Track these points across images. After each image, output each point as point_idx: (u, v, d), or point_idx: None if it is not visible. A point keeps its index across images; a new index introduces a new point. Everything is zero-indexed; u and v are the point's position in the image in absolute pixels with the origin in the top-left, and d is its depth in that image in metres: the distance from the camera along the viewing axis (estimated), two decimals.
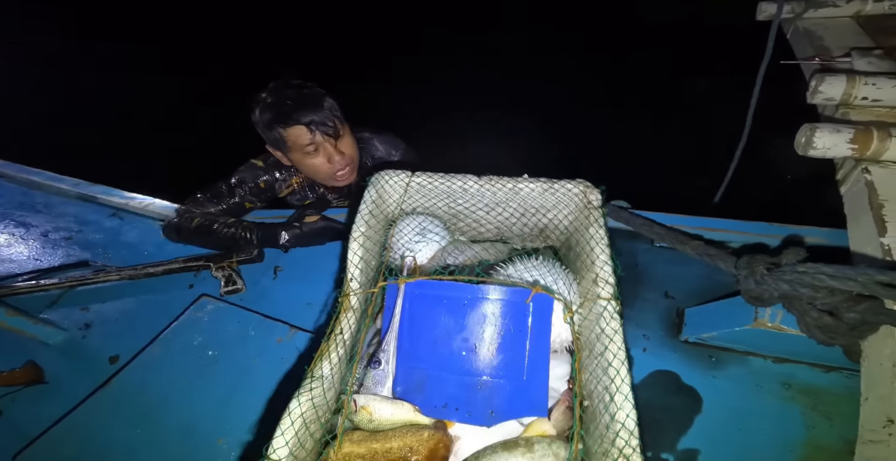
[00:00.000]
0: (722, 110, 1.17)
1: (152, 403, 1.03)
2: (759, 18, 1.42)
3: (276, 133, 1.14)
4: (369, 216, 0.87)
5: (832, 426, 0.77)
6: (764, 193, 1.12)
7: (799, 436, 0.77)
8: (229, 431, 0.95)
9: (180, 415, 0.99)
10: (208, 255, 1.36)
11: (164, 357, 1.12)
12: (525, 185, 0.89)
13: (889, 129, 0.81)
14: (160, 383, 1.07)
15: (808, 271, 0.67)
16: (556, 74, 2.95)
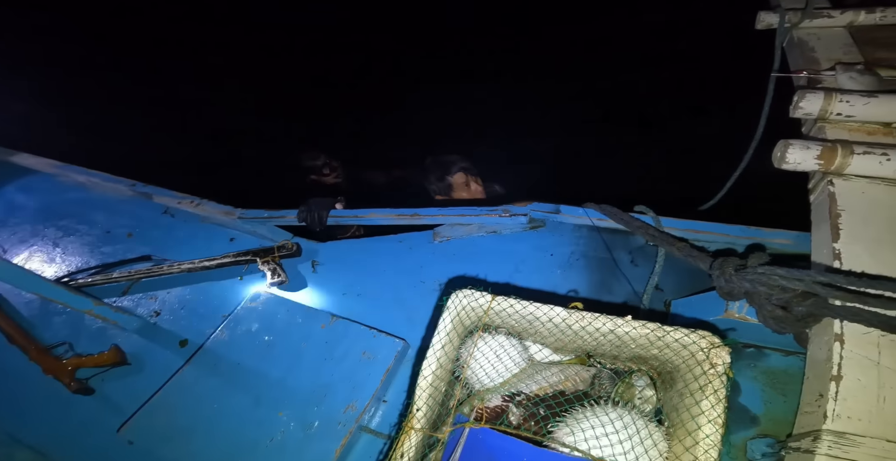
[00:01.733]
0: (713, 125, 1.30)
1: (223, 382, 1.25)
2: (758, 27, 1.51)
3: (446, 182, 1.92)
4: (446, 340, 0.93)
5: (785, 402, 0.92)
6: (752, 199, 1.26)
7: (758, 409, 0.92)
8: (287, 405, 1.16)
9: (247, 392, 1.21)
10: (255, 250, 1.60)
11: (229, 342, 1.34)
12: (628, 329, 0.84)
13: (852, 147, 0.94)
14: (229, 364, 1.29)
15: (765, 272, 0.84)
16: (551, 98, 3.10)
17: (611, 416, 0.78)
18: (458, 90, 3.34)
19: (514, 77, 3.46)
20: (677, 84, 2.74)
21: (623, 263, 1.19)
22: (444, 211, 1.36)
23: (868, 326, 0.76)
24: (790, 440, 0.77)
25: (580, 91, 3.00)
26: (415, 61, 3.81)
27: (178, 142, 3.14)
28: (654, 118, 2.77)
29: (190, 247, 1.71)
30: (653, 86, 2.87)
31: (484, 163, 2.03)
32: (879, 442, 0.67)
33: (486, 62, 3.67)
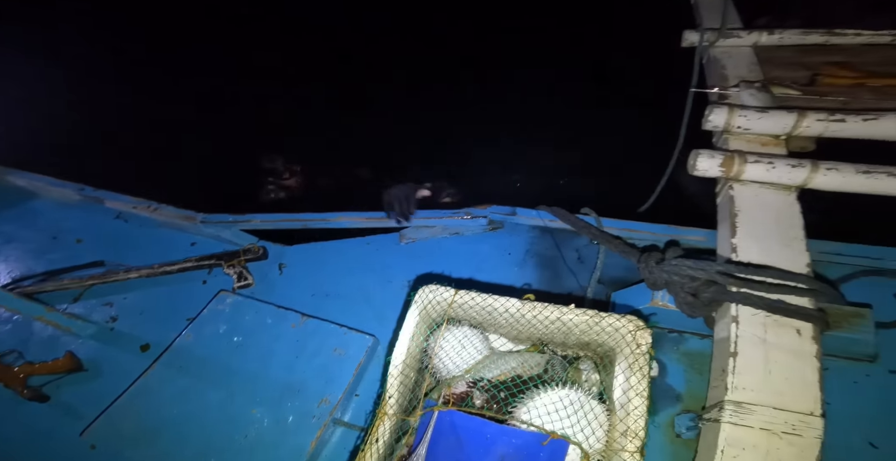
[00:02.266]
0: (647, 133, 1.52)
1: (193, 382, 1.29)
2: (683, 45, 1.75)
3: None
4: (415, 331, 1.04)
5: (702, 380, 1.10)
6: (677, 201, 1.49)
7: (682, 388, 1.11)
8: (260, 402, 1.23)
9: (218, 391, 1.26)
10: (219, 254, 1.64)
11: (196, 344, 1.38)
12: (571, 316, 0.99)
13: (746, 156, 1.15)
14: (197, 366, 1.33)
15: (678, 264, 1.02)
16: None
17: (560, 396, 0.93)
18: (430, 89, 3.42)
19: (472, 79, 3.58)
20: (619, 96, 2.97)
21: (571, 260, 1.37)
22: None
23: (756, 308, 0.95)
24: (704, 412, 0.94)
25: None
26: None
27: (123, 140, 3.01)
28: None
29: (147, 253, 1.71)
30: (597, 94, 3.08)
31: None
32: (767, 409, 0.84)
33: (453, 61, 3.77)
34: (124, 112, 3.23)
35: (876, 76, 1.41)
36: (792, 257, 1.04)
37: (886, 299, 1.12)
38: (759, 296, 0.96)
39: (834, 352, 1.00)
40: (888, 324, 1.06)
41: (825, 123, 1.24)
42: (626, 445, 0.81)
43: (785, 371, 0.88)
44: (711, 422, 0.88)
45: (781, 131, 1.29)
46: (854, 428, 0.88)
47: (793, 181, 1.14)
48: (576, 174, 2.30)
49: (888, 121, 1.20)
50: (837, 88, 1.42)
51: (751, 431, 0.82)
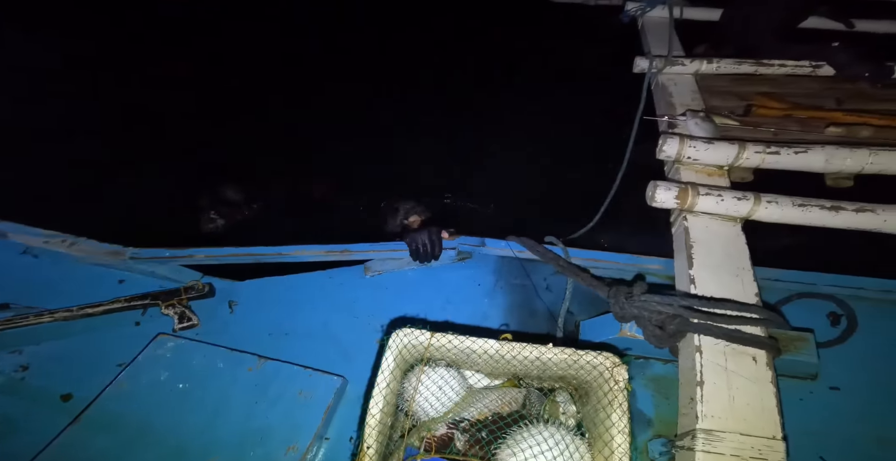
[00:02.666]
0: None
1: (130, 436, 1.16)
2: (634, 71, 1.87)
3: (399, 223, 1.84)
4: (391, 378, 1.01)
5: (669, 404, 1.18)
6: (636, 231, 1.59)
7: (651, 413, 1.17)
8: (218, 452, 1.13)
9: (167, 441, 1.15)
10: (155, 293, 1.49)
11: (132, 393, 1.24)
12: (549, 355, 1.01)
13: (698, 188, 1.23)
14: (135, 417, 1.20)
15: (647, 300, 1.09)
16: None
17: (544, 435, 0.95)
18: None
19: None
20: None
21: (540, 288, 1.41)
22: (376, 246, 1.43)
23: (716, 338, 1.04)
24: (677, 440, 1.00)
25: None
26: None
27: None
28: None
29: (64, 294, 1.51)
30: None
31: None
32: (735, 435, 0.91)
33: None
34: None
35: (800, 108, 1.58)
36: (742, 287, 1.14)
37: (820, 319, 1.26)
38: (718, 326, 1.04)
39: (781, 372, 1.11)
40: (824, 344, 1.19)
41: (762, 155, 1.37)
42: None
43: (746, 397, 0.96)
44: (686, 450, 0.94)
45: (725, 162, 1.40)
46: (804, 444, 0.97)
47: (738, 213, 1.25)
48: (542, 202, 2.36)
49: (815, 154, 1.35)
50: (769, 119, 1.58)
51: (723, 458, 0.88)
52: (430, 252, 1.39)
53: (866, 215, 1.16)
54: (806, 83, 1.76)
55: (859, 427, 1.11)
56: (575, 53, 3.35)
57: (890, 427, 1.10)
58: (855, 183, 1.38)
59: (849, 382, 1.17)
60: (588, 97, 2.90)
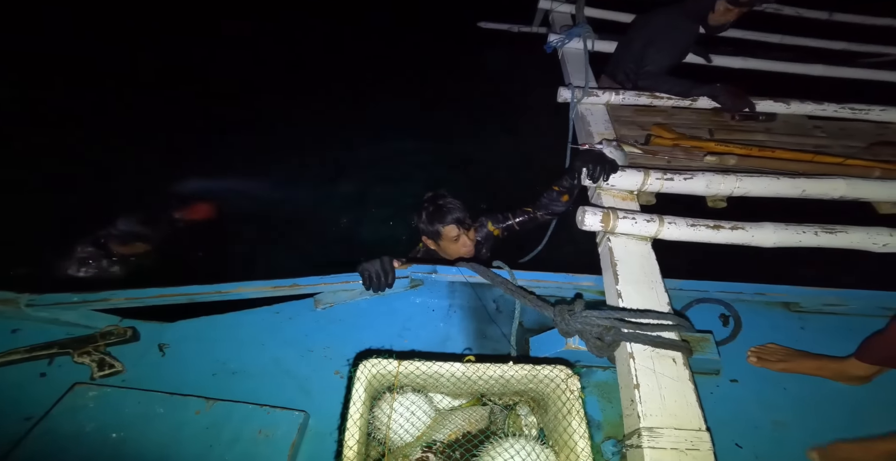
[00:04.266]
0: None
1: None
2: (558, 101, 2.12)
3: (436, 228, 1.79)
4: (364, 409, 1.06)
5: (613, 407, 1.35)
6: (572, 252, 1.84)
7: (599, 416, 1.33)
8: None
9: None
10: (64, 341, 1.34)
11: (53, 445, 1.13)
12: (511, 372, 1.11)
13: (617, 212, 1.47)
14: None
15: (587, 316, 1.27)
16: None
17: (516, 448, 1.06)
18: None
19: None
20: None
21: (490, 310, 1.54)
22: (326, 279, 1.44)
23: (644, 345, 1.27)
24: (625, 439, 1.18)
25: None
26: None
27: None
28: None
29: None
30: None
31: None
32: (671, 430, 1.09)
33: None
34: None
35: (685, 138, 1.92)
36: (657, 298, 1.40)
37: (714, 321, 1.57)
38: (644, 334, 1.27)
39: (693, 370, 1.35)
40: (720, 342, 1.50)
41: (661, 181, 1.66)
42: None
43: (674, 395, 1.16)
44: (634, 448, 1.11)
45: (634, 188, 1.67)
46: (720, 433, 1.12)
47: (649, 233, 1.51)
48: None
49: (698, 180, 1.67)
50: (662, 148, 1.90)
51: (665, 452, 1.06)
52: (383, 281, 1.43)
53: (739, 232, 1.48)
54: (687, 114, 2.14)
55: (758, 413, 1.36)
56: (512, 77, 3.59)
57: (780, 411, 1.37)
58: (728, 204, 1.74)
59: (744, 375, 1.44)
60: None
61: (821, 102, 2.19)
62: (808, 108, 2.18)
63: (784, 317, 1.62)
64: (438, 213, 1.79)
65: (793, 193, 1.65)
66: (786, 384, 1.44)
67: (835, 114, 2.19)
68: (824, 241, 1.47)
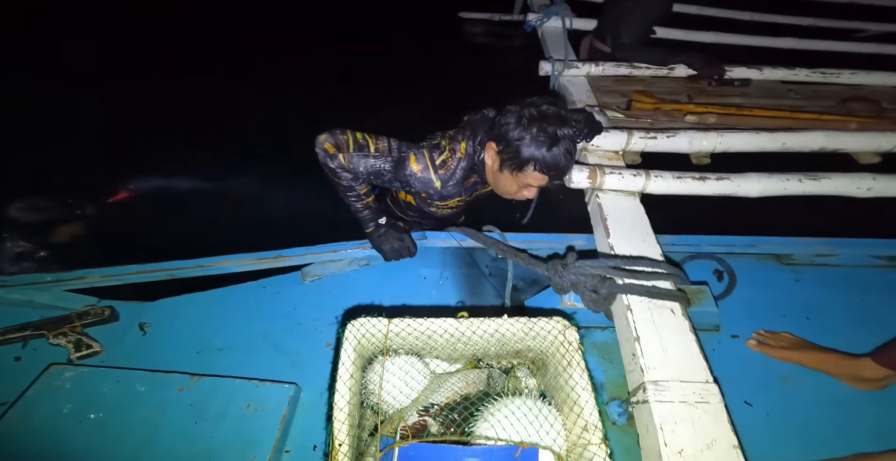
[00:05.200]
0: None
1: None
2: (540, 74, 2.09)
3: (524, 161, 1.15)
4: (353, 369, 0.97)
5: (614, 367, 1.27)
6: (565, 213, 1.77)
7: (601, 378, 1.25)
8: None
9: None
10: (38, 323, 1.25)
11: (28, 428, 1.05)
12: (507, 326, 1.04)
13: (604, 169, 1.43)
14: (39, 452, 1.02)
15: (580, 266, 1.22)
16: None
17: (515, 406, 0.98)
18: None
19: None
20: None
21: (484, 274, 1.48)
22: (312, 249, 1.36)
23: (640, 296, 1.20)
24: (630, 396, 1.10)
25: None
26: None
27: None
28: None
29: None
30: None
31: None
32: (677, 383, 1.02)
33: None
34: None
35: (665, 102, 1.89)
36: (649, 250, 1.34)
37: (709, 277, 1.52)
38: (640, 284, 1.21)
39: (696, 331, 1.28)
40: (716, 298, 1.43)
41: (645, 140, 1.62)
42: (590, 439, 0.91)
43: (676, 347, 1.10)
44: (641, 404, 1.03)
45: (619, 148, 1.63)
46: (726, 391, 1.04)
47: (636, 188, 1.46)
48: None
49: (681, 138, 1.63)
50: (644, 112, 1.87)
51: (674, 406, 0.98)
52: (405, 255, 1.36)
53: (724, 183, 1.44)
54: (666, 83, 2.12)
55: (763, 369, 1.29)
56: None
57: (784, 365, 1.29)
58: (712, 161, 1.70)
59: (743, 329, 1.37)
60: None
61: (792, 67, 2.18)
62: (781, 73, 2.17)
63: (777, 271, 1.57)
64: (555, 142, 1.13)
65: (773, 147, 1.62)
66: None
67: (806, 78, 2.18)
68: (809, 188, 1.43)
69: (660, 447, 0.94)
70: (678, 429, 0.96)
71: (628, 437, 1.13)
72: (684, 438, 0.95)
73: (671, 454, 0.93)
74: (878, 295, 1.48)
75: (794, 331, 1.37)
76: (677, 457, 0.93)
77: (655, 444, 0.96)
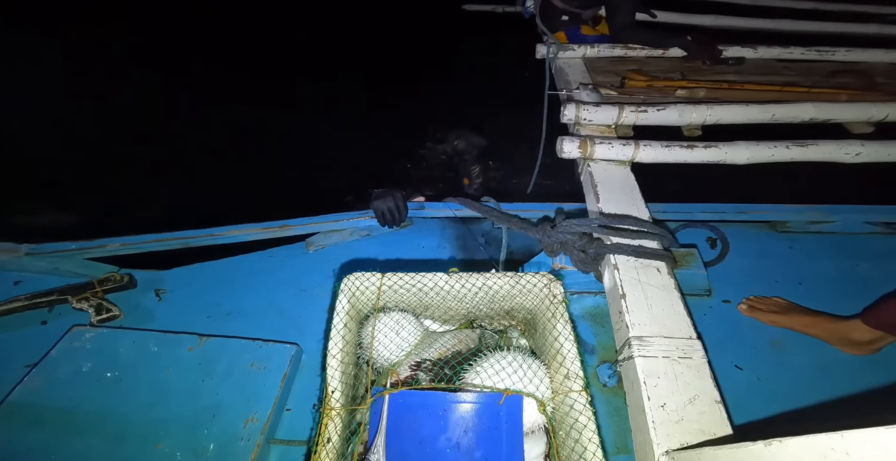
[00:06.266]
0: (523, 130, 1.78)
1: (62, 425, 1.02)
2: (537, 57, 2.10)
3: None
4: (346, 317, 0.99)
5: (606, 331, 1.29)
6: (555, 184, 1.78)
7: (592, 341, 1.27)
8: (164, 435, 1.02)
9: (103, 429, 1.02)
10: (63, 288, 1.31)
11: (49, 388, 1.09)
12: (494, 280, 1.05)
13: (594, 139, 1.43)
14: (62, 407, 1.06)
15: (568, 224, 1.22)
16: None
17: (506, 360, 0.99)
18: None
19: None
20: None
21: (480, 243, 1.49)
22: (315, 219, 1.40)
23: (627, 256, 1.20)
24: (617, 354, 1.08)
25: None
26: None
27: None
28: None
29: None
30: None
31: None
32: (660, 339, 1.00)
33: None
34: None
35: (658, 80, 1.88)
36: (638, 212, 1.33)
37: (702, 244, 1.50)
38: (627, 244, 1.20)
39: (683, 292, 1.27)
40: (709, 263, 1.42)
41: (636, 114, 1.60)
42: (571, 386, 0.91)
43: (660, 304, 1.08)
44: (627, 361, 1.02)
45: (611, 121, 1.62)
46: (717, 355, 1.04)
47: (626, 157, 1.45)
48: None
49: (671, 111, 1.61)
50: (637, 89, 1.85)
51: (657, 361, 0.97)
52: (397, 217, 1.37)
53: (712, 150, 1.41)
54: (660, 62, 2.10)
55: (754, 333, 1.27)
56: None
57: (776, 330, 1.28)
58: (703, 134, 1.68)
59: (735, 294, 1.35)
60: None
61: (787, 46, 2.13)
62: (776, 51, 2.12)
63: (771, 238, 1.55)
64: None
65: (763, 118, 1.59)
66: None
67: (801, 56, 2.13)
68: (797, 155, 1.40)
69: (643, 401, 0.92)
70: (661, 384, 0.94)
71: (618, 399, 1.13)
72: (667, 392, 0.93)
73: (654, 408, 0.91)
74: (873, 262, 1.44)
75: (787, 296, 1.35)
76: (660, 410, 0.91)
77: (640, 399, 0.94)
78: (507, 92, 3.00)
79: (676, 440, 0.84)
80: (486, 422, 0.91)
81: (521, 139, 2.08)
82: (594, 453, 0.81)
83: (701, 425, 0.87)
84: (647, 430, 0.88)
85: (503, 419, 0.90)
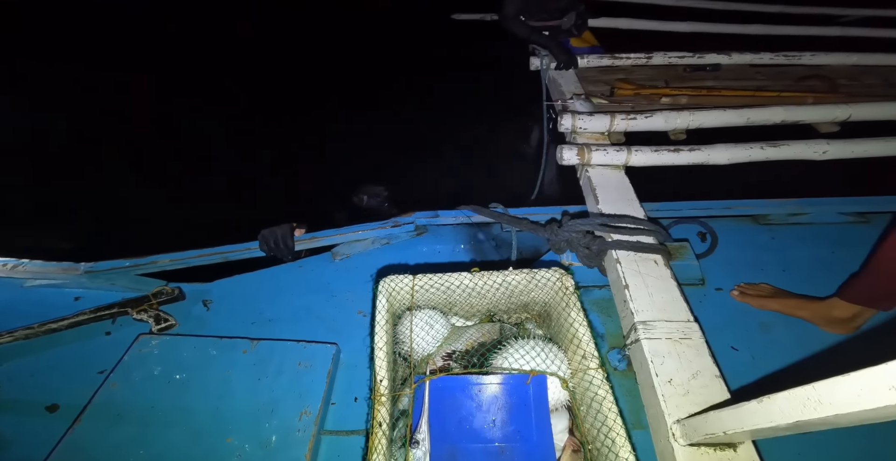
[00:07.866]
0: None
1: (140, 429, 1.10)
2: (531, 69, 2.21)
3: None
4: (387, 315, 1.09)
5: (613, 320, 1.34)
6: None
7: (602, 330, 1.34)
8: (233, 430, 1.11)
9: (179, 426, 1.11)
10: (123, 301, 1.40)
11: (127, 390, 1.18)
12: (512, 277, 1.14)
13: (591, 147, 1.53)
14: (138, 411, 1.14)
15: (572, 224, 1.31)
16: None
17: (528, 346, 1.08)
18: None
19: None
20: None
21: (492, 246, 1.59)
22: (340, 230, 1.49)
23: (627, 250, 1.30)
24: (625, 339, 1.19)
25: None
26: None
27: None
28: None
29: (13, 319, 1.36)
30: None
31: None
32: (662, 322, 1.10)
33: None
34: None
35: (644, 88, 1.99)
36: (634, 212, 1.43)
37: (693, 239, 1.60)
38: (626, 240, 1.30)
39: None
40: (701, 255, 1.52)
41: (626, 121, 1.71)
42: (588, 365, 1.01)
43: (660, 291, 1.18)
44: (634, 343, 1.12)
45: (604, 129, 1.73)
46: (714, 338, 1.11)
47: (620, 162, 1.56)
48: (477, 178, 2.56)
49: (658, 117, 1.72)
50: (626, 97, 1.97)
51: (661, 342, 1.06)
52: (282, 248, 1.46)
53: (696, 153, 1.52)
54: (645, 70, 2.21)
55: (746, 318, 1.36)
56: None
57: (764, 313, 1.37)
58: (687, 137, 1.79)
59: (726, 283, 1.44)
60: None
61: (758, 52, 2.26)
62: (748, 57, 2.24)
63: (755, 231, 1.65)
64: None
65: (739, 121, 1.70)
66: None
67: (771, 61, 2.25)
68: (771, 154, 1.52)
69: (652, 378, 1.02)
70: (666, 362, 1.04)
71: (629, 380, 1.21)
72: (672, 369, 1.03)
73: (662, 383, 1.01)
74: (847, 248, 1.54)
75: (773, 282, 1.45)
76: (668, 385, 1.00)
77: (649, 377, 1.04)
78: (498, 101, 3.10)
79: (685, 410, 0.94)
80: (516, 400, 1.00)
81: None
82: (614, 421, 0.90)
83: (705, 396, 0.97)
84: (658, 403, 0.97)
85: (531, 397, 1.00)
